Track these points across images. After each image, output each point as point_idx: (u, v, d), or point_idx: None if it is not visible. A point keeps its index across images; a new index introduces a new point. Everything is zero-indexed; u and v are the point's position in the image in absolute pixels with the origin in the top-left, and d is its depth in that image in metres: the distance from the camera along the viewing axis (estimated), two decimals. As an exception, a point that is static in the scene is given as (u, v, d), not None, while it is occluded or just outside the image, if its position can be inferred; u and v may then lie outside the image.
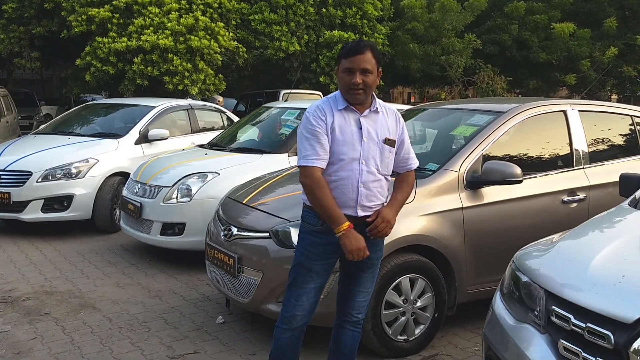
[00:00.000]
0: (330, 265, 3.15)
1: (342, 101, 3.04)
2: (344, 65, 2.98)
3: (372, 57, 2.97)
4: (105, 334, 4.42)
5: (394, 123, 3.14)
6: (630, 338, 2.03)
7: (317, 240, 3.08)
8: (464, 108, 5.32)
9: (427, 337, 4.21)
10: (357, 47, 2.96)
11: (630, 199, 3.12)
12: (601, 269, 2.33)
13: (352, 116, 3.04)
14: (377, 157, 3.05)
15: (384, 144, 3.07)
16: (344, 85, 2.99)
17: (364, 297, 3.24)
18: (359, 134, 3.01)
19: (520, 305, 2.59)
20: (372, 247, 3.10)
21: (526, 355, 2.36)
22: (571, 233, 2.86)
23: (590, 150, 4.92)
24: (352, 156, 3.00)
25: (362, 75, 2.94)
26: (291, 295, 3.13)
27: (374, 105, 3.07)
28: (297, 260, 3.14)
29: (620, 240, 2.60)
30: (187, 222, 5.85)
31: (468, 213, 4.28)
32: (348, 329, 3.27)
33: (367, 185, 3.03)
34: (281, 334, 3.16)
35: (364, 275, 3.19)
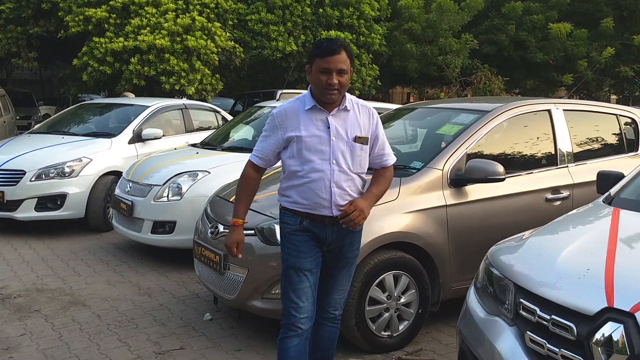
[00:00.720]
0: (318, 261, 3.11)
1: (309, 101, 3.01)
2: (319, 65, 2.93)
3: (347, 56, 2.94)
4: (94, 330, 4.47)
5: (366, 120, 3.09)
6: (592, 330, 2.08)
7: (302, 238, 3.06)
8: (451, 107, 5.37)
9: (411, 333, 4.26)
10: (333, 47, 2.92)
11: (605, 196, 3.18)
12: (567, 263, 2.39)
13: (320, 116, 3.00)
14: (348, 156, 3.01)
15: (354, 142, 3.02)
16: (319, 86, 2.94)
17: (341, 294, 3.24)
18: (326, 133, 2.98)
19: (492, 299, 2.64)
20: (348, 247, 3.12)
21: (495, 347, 2.41)
22: (543, 229, 2.92)
23: (575, 149, 4.97)
24: (321, 156, 2.97)
25: (339, 76, 2.91)
26: (291, 300, 3.05)
27: (344, 103, 3.03)
28: (287, 263, 3.09)
29: (589, 235, 2.65)
30: (177, 221, 5.90)
31: (452, 210, 4.33)
32: (326, 325, 3.27)
33: (339, 184, 2.99)
34: (288, 344, 3.06)
35: (339, 274, 3.18)
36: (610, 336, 2.02)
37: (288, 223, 3.10)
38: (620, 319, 2.02)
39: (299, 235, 3.06)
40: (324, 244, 3.07)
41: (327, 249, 3.10)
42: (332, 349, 3.35)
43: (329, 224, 3.03)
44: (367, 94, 19.38)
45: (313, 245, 3.06)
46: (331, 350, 3.35)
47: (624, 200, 3.02)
